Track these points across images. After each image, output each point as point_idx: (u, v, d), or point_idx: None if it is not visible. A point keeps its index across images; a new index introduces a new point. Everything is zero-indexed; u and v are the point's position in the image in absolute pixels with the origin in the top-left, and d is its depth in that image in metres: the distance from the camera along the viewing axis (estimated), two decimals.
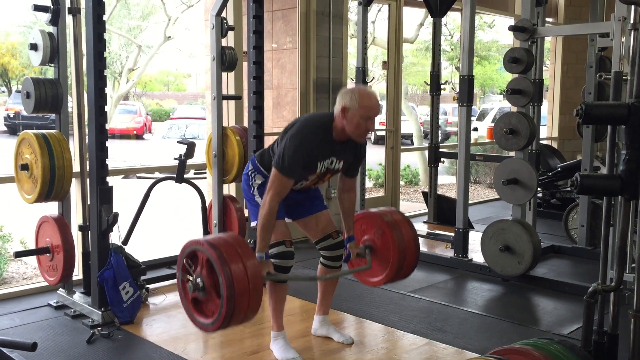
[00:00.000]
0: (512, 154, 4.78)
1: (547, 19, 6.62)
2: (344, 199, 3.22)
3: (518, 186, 4.48)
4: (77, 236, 3.97)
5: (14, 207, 6.23)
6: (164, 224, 7.26)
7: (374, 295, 4.21)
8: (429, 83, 6.21)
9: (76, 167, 4.10)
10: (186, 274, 2.70)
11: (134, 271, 3.82)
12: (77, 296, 3.89)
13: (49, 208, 4.02)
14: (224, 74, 4.47)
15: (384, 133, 6.85)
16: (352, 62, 6.02)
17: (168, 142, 16.08)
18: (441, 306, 4.02)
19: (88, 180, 3.70)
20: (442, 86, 6.30)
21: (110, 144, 3.62)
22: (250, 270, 2.53)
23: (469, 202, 5.00)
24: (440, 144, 6.41)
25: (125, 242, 4.05)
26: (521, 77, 4.50)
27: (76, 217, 4.08)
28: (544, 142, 8.05)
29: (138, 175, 10.66)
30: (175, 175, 4.37)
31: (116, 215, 3.54)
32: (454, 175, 9.20)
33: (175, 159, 4.36)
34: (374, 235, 3.25)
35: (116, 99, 17.54)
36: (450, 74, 18.74)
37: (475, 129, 15.21)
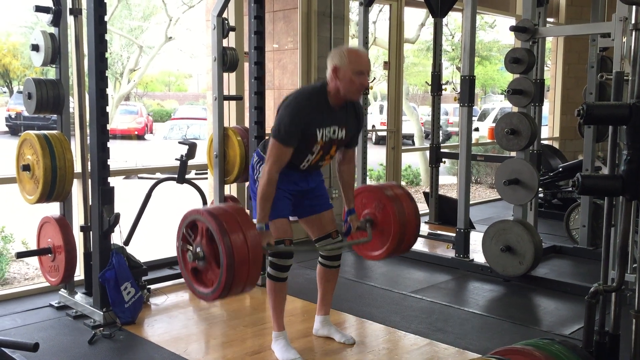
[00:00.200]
0: (513, 154, 4.78)
1: (548, 19, 6.60)
2: (343, 170, 3.22)
3: (519, 186, 4.47)
4: (78, 237, 3.97)
5: (15, 207, 6.23)
6: (166, 225, 7.24)
7: (375, 296, 4.21)
8: (430, 83, 6.21)
9: (78, 168, 4.10)
10: (186, 244, 2.70)
11: (136, 272, 3.81)
12: (79, 297, 3.89)
13: (50, 209, 4.02)
14: (225, 75, 4.47)
15: (385, 133, 6.85)
16: None
17: (169, 143, 16.10)
18: (442, 306, 4.02)
19: (89, 180, 3.70)
20: (443, 86, 6.31)
21: (112, 144, 3.62)
22: (250, 240, 2.53)
23: (470, 202, 4.99)
24: (442, 144, 6.41)
25: (127, 242, 4.05)
26: (522, 77, 4.50)
27: (78, 218, 4.08)
28: (545, 142, 8.05)
29: (139, 175, 10.67)
30: (176, 176, 4.38)
31: (117, 216, 3.54)
32: (455, 175, 9.19)
33: (176, 159, 4.36)
34: (374, 209, 3.23)
35: (117, 100, 17.53)
36: (451, 74, 18.78)
37: (477, 129, 15.17)
